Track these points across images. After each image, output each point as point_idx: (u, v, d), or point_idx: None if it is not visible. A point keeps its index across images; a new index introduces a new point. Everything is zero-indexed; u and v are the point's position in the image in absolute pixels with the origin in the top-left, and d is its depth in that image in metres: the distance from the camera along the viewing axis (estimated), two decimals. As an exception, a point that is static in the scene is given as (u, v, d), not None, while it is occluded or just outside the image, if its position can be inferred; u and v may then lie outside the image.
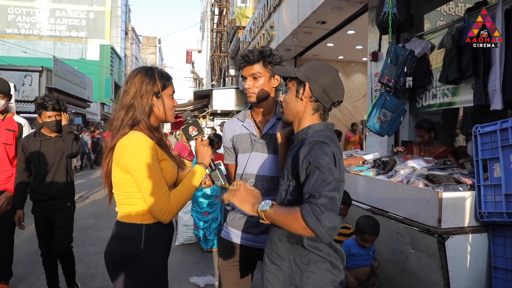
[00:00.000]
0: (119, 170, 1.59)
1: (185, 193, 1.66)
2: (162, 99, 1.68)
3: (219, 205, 4.81)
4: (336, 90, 1.47)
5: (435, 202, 2.25)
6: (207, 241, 4.71)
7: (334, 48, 8.29)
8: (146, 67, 1.72)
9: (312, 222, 1.15)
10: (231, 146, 2.09)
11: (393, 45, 4.17)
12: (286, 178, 1.45)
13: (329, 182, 1.23)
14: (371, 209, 2.87)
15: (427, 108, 4.26)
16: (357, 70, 9.76)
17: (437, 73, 3.96)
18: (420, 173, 2.67)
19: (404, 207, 2.52)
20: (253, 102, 1.95)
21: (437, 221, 2.25)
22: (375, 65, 5.04)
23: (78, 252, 4.62)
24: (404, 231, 2.50)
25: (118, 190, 1.63)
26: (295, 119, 1.53)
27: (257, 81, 1.91)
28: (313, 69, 1.49)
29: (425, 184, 2.51)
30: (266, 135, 1.95)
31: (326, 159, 1.28)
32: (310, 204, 1.18)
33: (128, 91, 1.64)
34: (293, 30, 7.21)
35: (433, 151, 3.61)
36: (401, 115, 4.22)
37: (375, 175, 3.13)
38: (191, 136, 1.80)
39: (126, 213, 1.62)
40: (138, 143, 1.56)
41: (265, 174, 1.92)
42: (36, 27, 35.73)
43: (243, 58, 1.92)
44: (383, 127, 4.16)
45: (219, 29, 23.80)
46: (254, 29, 10.86)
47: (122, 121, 1.62)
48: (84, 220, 6.31)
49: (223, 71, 23.35)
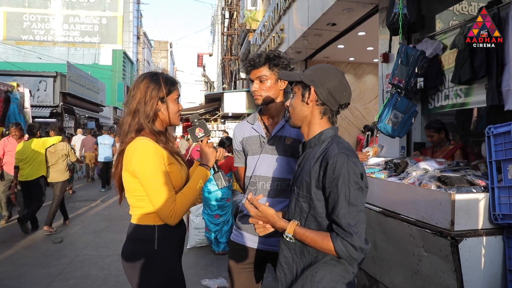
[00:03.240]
0: (128, 175, 1.63)
1: (190, 195, 1.69)
2: (167, 104, 1.72)
3: (230, 207, 4.83)
4: (342, 92, 1.47)
5: (448, 204, 2.23)
6: (218, 243, 4.73)
7: (345, 50, 8.25)
8: (152, 73, 1.77)
9: (345, 257, 1.32)
10: (241, 148, 2.11)
11: (403, 46, 4.14)
12: (305, 190, 1.43)
13: (358, 210, 1.31)
14: (383, 211, 2.85)
15: (439, 109, 4.21)
16: (368, 72, 9.70)
17: (449, 73, 3.91)
18: (432, 174, 2.64)
19: (417, 209, 2.50)
20: (260, 105, 1.97)
21: (450, 224, 2.22)
22: (386, 66, 5.00)
23: (92, 255, 4.69)
24: (416, 234, 2.48)
25: (130, 194, 1.67)
26: (303, 124, 1.53)
27: (263, 84, 1.94)
28: (318, 72, 1.49)
29: (437, 186, 2.48)
30: (275, 137, 1.97)
31: (354, 178, 1.32)
32: (343, 241, 1.30)
33: (134, 96, 1.69)
34: (303, 33, 7.21)
35: (444, 151, 3.58)
36: (412, 116, 4.17)
37: (386, 177, 3.10)
38: (197, 137, 1.84)
39: (139, 216, 1.66)
40: (144, 149, 1.60)
41: (275, 176, 1.93)
42: (50, 33, 36.39)
43: (249, 62, 1.97)
44: (394, 128, 4.12)
45: (230, 32, 23.91)
46: (264, 32, 10.88)
47: (129, 126, 1.68)
48: (98, 223, 6.40)
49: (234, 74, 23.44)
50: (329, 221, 1.38)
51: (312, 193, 1.40)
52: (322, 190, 1.38)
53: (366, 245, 1.31)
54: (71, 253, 4.78)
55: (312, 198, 1.40)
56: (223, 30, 26.07)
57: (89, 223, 6.45)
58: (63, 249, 4.96)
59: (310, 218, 1.43)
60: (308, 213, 1.43)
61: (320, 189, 1.38)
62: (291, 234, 1.41)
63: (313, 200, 1.40)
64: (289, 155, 1.93)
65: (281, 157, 1.93)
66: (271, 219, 1.47)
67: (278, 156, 1.94)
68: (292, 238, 1.41)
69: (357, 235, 1.29)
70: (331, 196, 1.34)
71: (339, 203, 1.31)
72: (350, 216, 1.30)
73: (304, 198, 1.44)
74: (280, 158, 1.94)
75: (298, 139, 1.94)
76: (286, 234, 1.42)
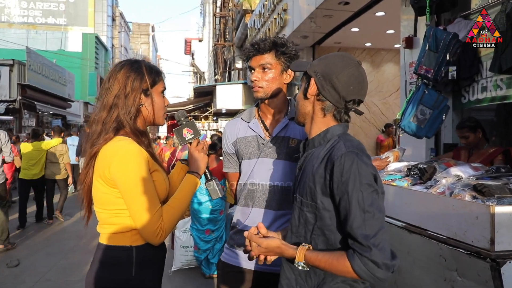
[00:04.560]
0: (103, 183, 1.59)
1: (179, 208, 1.67)
2: (151, 97, 1.70)
3: (224, 221, 4.81)
4: (349, 86, 1.44)
5: (486, 218, 2.20)
6: (209, 265, 4.71)
7: (360, 34, 8.27)
8: (131, 60, 1.74)
9: (368, 277, 1.28)
10: (233, 151, 2.10)
11: (432, 28, 4.13)
12: (309, 197, 1.43)
13: (376, 217, 1.30)
14: (406, 227, 2.83)
15: (475, 104, 4.20)
16: (388, 60, 9.72)
17: (487, 60, 3.90)
18: (466, 182, 2.62)
19: (447, 224, 2.48)
20: (260, 98, 1.97)
21: (489, 242, 2.19)
22: (410, 53, 5.00)
23: (56, 281, 4.65)
24: (448, 254, 2.45)
25: (102, 208, 1.63)
26: (306, 121, 1.55)
27: (266, 73, 1.93)
28: (323, 61, 1.50)
29: (473, 196, 2.46)
30: (277, 137, 1.96)
31: (367, 180, 1.31)
32: (361, 258, 1.27)
33: (110, 88, 1.66)
34: (310, 14, 7.22)
35: (481, 154, 3.56)
36: (443, 112, 4.16)
37: (410, 185, 3.09)
38: (185, 139, 1.82)
39: (111, 234, 1.62)
40: (128, 152, 1.56)
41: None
42: (4, 12, 36.17)
43: (253, 46, 1.95)
44: (420, 127, 4.11)
45: (223, 13, 23.99)
46: (264, 13, 10.90)
47: (104, 124, 1.63)
48: (64, 242, 6.37)
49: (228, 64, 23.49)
50: (341, 235, 1.37)
51: (318, 201, 1.40)
52: (330, 197, 1.37)
53: (392, 260, 1.28)
54: (30, 278, 4.73)
55: (318, 207, 1.40)
56: (215, 10, 26.17)
57: (53, 242, 6.41)
58: (20, 274, 4.91)
59: (317, 231, 1.43)
60: (314, 225, 1.43)
61: (327, 196, 1.38)
62: (302, 261, 1.39)
63: (319, 210, 1.40)
64: (294, 159, 1.91)
65: (284, 161, 1.93)
66: (278, 251, 1.46)
67: (280, 161, 1.93)
68: (304, 265, 1.39)
69: (378, 248, 1.26)
70: (342, 204, 1.33)
71: (351, 212, 1.30)
72: (367, 225, 1.28)
73: (308, 208, 1.44)
74: (283, 163, 1.93)
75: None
76: (297, 262, 1.40)
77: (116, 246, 1.61)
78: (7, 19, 36.15)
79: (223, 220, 4.79)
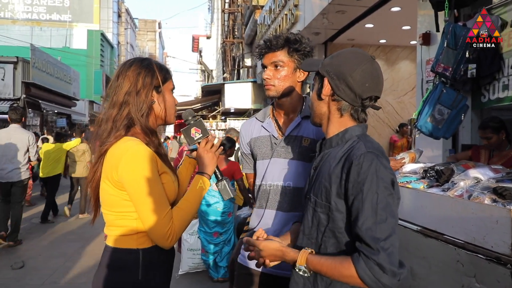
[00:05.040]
0: (110, 185, 1.60)
1: (189, 210, 1.67)
2: (163, 94, 1.71)
3: (232, 224, 4.82)
4: (364, 83, 1.44)
5: (507, 222, 2.19)
6: (218, 268, 4.72)
7: (374, 30, 8.24)
8: (140, 58, 1.75)
9: (372, 283, 1.25)
10: (249, 151, 2.13)
11: (450, 24, 4.10)
12: (324, 198, 1.43)
13: (388, 222, 1.27)
14: (422, 231, 2.81)
15: (496, 103, 4.16)
16: (403, 57, 9.67)
17: (509, 57, 3.86)
18: (486, 185, 2.60)
19: (465, 228, 2.47)
20: (272, 97, 1.98)
21: (510, 248, 2.18)
22: (427, 50, 4.98)
23: (62, 284, 4.69)
24: (466, 260, 2.44)
25: (109, 209, 1.65)
26: (322, 121, 1.55)
27: (278, 71, 1.94)
28: (336, 59, 1.49)
29: (492, 200, 2.44)
30: (289, 137, 1.97)
31: (384, 183, 1.31)
32: (367, 261, 1.25)
33: (120, 85, 1.66)
34: (322, 9, 7.21)
35: (503, 156, 3.53)
36: (462, 112, 4.13)
37: (426, 188, 3.07)
38: (193, 139, 1.81)
39: (118, 237, 1.63)
40: (136, 153, 1.57)
41: (288, 185, 1.93)
42: (8, 9, 36.40)
43: (265, 43, 1.97)
44: (438, 127, 4.08)
45: (232, 9, 24.03)
46: (274, 9, 10.91)
47: (114, 122, 1.64)
48: (68, 244, 6.42)
49: (237, 61, 23.52)
50: (350, 238, 1.37)
51: (332, 202, 1.40)
52: (344, 198, 1.37)
53: (400, 268, 1.27)
54: (35, 281, 4.78)
55: (331, 209, 1.40)
56: (223, 6, 26.21)
57: (58, 243, 6.47)
58: (24, 276, 4.96)
59: (328, 233, 1.42)
60: (326, 227, 1.43)
61: (341, 197, 1.38)
62: (303, 265, 1.38)
63: (332, 211, 1.40)
64: (307, 159, 1.92)
65: (296, 161, 1.94)
66: (278, 254, 1.47)
67: (292, 161, 1.94)
68: (306, 270, 1.39)
69: (386, 252, 1.24)
70: (355, 204, 1.32)
71: (363, 212, 1.29)
72: (378, 228, 1.27)
73: (322, 208, 1.43)
74: (295, 163, 1.94)
75: (318, 140, 1.93)
76: (298, 266, 1.40)
77: (122, 249, 1.62)
78: (11, 16, 36.40)
79: (232, 222, 4.80)
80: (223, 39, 27.03)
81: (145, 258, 1.61)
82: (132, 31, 59.08)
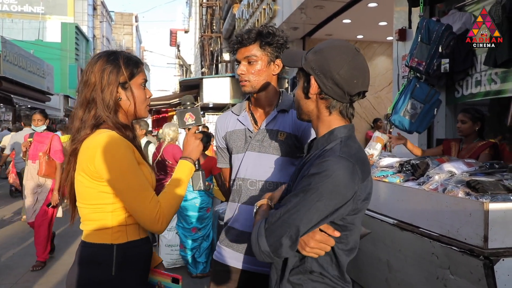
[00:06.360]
0: (86, 177, 1.58)
1: (176, 194, 1.67)
2: (130, 90, 1.69)
3: (211, 219, 4.80)
4: (353, 80, 1.39)
5: (480, 215, 2.22)
6: (196, 264, 4.70)
7: (352, 26, 8.27)
8: (108, 51, 1.73)
9: (253, 240, 1.35)
10: (225, 145, 2.11)
11: (425, 20, 4.15)
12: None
13: (298, 208, 1.29)
14: (398, 224, 2.85)
15: (469, 98, 4.23)
16: (380, 53, 9.74)
17: (482, 53, 3.93)
18: (459, 179, 2.64)
19: (440, 221, 2.50)
20: (248, 92, 1.97)
21: (482, 240, 2.21)
22: (403, 46, 5.03)
23: (36, 282, 4.60)
24: (440, 252, 2.48)
25: (83, 203, 1.63)
26: (311, 118, 1.51)
27: (252, 66, 1.92)
28: (321, 55, 1.42)
29: (466, 193, 2.48)
30: (265, 130, 1.96)
31: (336, 188, 1.28)
32: (262, 220, 1.36)
33: (87, 82, 1.65)
34: (300, 4, 7.20)
35: (471, 149, 3.58)
36: (435, 106, 4.19)
37: (402, 182, 3.11)
38: (185, 123, 1.85)
39: (92, 231, 1.62)
40: (113, 143, 1.56)
41: (262, 179, 1.92)
42: (-24, 0, 35.47)
43: (237, 39, 1.95)
44: (411, 121, 4.13)
45: (210, 3, 23.82)
46: (252, 3, 10.85)
47: (82, 121, 1.64)
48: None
49: (216, 56, 23.37)
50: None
51: None
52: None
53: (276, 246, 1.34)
54: (8, 280, 4.69)
55: None
56: (202, 0, 25.96)
57: (32, 240, 6.32)
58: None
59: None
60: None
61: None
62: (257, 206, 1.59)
63: None
64: (283, 153, 1.91)
65: (271, 155, 1.93)
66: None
67: (267, 154, 1.93)
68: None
69: (279, 219, 1.33)
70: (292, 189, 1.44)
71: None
72: (288, 206, 1.33)
73: None
74: (270, 157, 1.93)
75: (294, 134, 1.93)
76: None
77: (96, 244, 1.60)
78: (-21, 7, 35.43)
79: (210, 218, 4.79)
80: (201, 34, 26.82)
81: (119, 254, 1.59)
82: (108, 24, 58.07)
